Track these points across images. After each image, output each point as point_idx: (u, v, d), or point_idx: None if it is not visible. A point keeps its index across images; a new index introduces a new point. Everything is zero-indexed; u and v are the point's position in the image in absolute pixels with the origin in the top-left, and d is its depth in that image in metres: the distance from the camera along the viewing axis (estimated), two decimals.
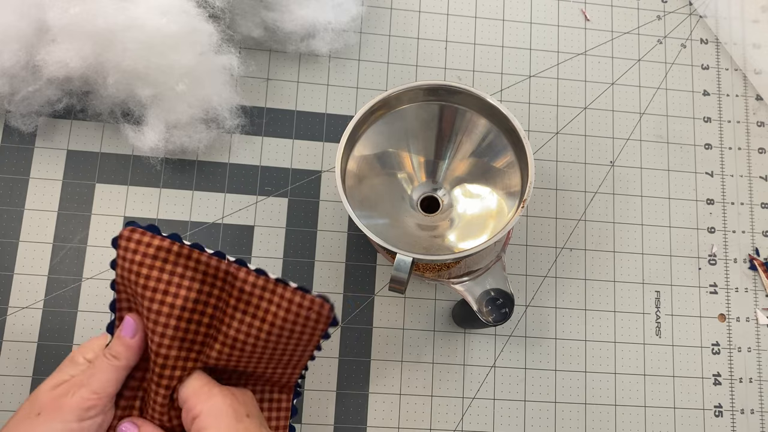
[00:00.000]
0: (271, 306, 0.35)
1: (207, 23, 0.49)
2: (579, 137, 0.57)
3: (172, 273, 0.35)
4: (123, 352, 0.36)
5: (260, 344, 0.36)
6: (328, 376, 0.50)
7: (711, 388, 0.53)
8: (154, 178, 0.52)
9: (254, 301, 0.35)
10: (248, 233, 0.52)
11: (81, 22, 0.45)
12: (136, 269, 0.35)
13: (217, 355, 0.36)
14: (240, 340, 0.35)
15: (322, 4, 0.52)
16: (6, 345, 0.48)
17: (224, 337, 0.36)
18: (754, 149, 0.58)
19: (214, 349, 0.36)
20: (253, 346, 0.36)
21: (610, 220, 0.55)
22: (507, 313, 0.44)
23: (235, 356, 0.36)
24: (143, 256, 0.35)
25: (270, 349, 0.36)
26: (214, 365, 0.36)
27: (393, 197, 0.47)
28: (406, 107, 0.46)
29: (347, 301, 0.52)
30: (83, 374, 0.35)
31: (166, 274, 0.35)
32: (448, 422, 0.50)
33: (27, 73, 0.48)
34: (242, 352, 0.36)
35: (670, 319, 0.54)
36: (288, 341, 0.36)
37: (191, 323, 0.36)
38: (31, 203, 0.51)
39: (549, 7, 0.59)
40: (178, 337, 0.35)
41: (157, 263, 0.35)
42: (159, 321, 0.35)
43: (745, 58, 0.59)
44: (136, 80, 0.47)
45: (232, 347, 0.36)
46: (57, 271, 0.50)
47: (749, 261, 0.56)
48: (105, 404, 0.35)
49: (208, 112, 0.51)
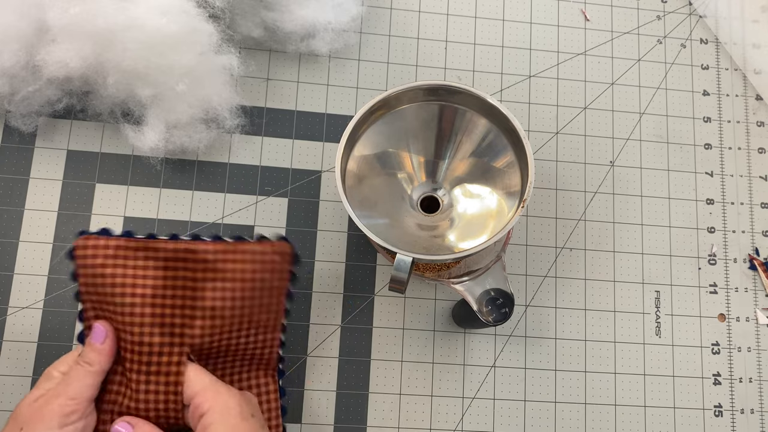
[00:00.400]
0: (236, 264, 0.37)
1: (207, 23, 0.49)
2: (579, 137, 0.57)
3: (135, 266, 0.37)
4: (95, 357, 0.37)
5: (237, 306, 0.38)
6: (328, 376, 0.50)
7: (711, 388, 0.53)
8: (154, 178, 0.52)
9: (220, 266, 0.37)
10: (248, 233, 0.52)
11: (81, 22, 0.45)
12: (99, 272, 0.37)
13: (200, 331, 0.37)
14: (218, 308, 0.37)
15: (322, 4, 0.52)
16: (6, 345, 0.48)
17: (202, 311, 0.37)
18: (754, 149, 0.58)
19: (196, 326, 0.37)
20: (232, 310, 0.37)
21: (610, 220, 0.55)
22: (507, 313, 0.44)
23: (218, 328, 0.37)
24: (104, 258, 0.37)
25: (248, 309, 0.38)
26: (200, 345, 0.37)
27: (393, 197, 0.47)
28: (406, 107, 0.46)
29: (347, 301, 0.52)
30: (60, 384, 0.36)
31: (130, 268, 0.37)
32: (448, 422, 0.51)
33: (27, 73, 0.48)
34: (223, 321, 0.37)
35: (670, 319, 0.54)
36: (261, 294, 0.38)
37: (166, 308, 0.37)
38: (31, 203, 0.51)
39: (549, 7, 0.59)
40: (157, 323, 0.36)
41: (119, 261, 0.37)
42: (135, 312, 0.36)
43: (745, 58, 0.59)
44: (136, 80, 0.47)
45: (212, 318, 0.37)
46: (57, 271, 0.50)
47: (749, 261, 0.56)
48: (84, 409, 0.36)
49: (208, 112, 0.50)
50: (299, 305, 0.51)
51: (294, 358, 0.50)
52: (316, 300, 0.51)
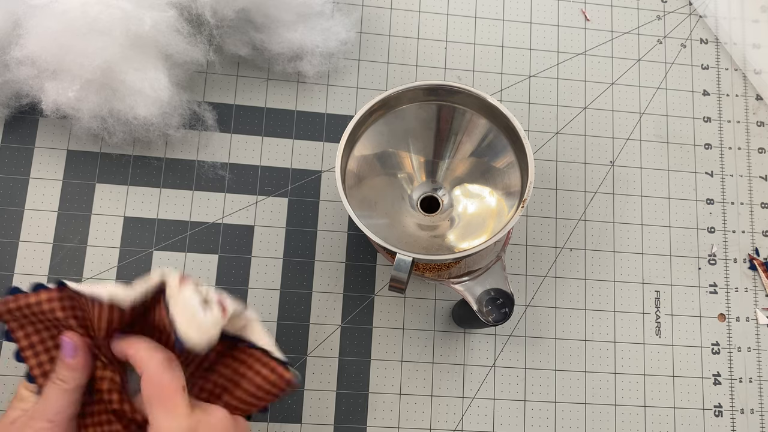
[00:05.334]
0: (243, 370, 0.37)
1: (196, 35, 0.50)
2: (579, 137, 0.57)
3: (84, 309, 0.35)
4: (68, 374, 0.34)
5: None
6: (328, 376, 0.50)
7: (711, 388, 0.53)
8: (154, 178, 0.52)
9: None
10: (248, 233, 0.52)
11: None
12: (50, 317, 0.35)
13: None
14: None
15: (310, 27, 0.53)
16: (6, 345, 0.48)
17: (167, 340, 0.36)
18: (754, 149, 0.58)
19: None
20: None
21: (610, 220, 0.55)
22: (507, 313, 0.44)
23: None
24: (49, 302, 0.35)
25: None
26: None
27: (393, 197, 0.47)
28: (406, 107, 0.46)
29: (347, 301, 0.52)
30: (37, 405, 0.34)
31: (78, 310, 0.35)
32: (448, 422, 0.51)
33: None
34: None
35: (670, 319, 0.54)
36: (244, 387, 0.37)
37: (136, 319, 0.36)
38: (31, 203, 0.51)
39: (549, 7, 0.59)
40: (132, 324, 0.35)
41: (65, 303, 0.35)
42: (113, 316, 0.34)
43: (745, 58, 0.59)
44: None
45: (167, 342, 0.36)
46: (57, 271, 0.50)
47: (749, 261, 0.56)
48: (66, 428, 0.34)
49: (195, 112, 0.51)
50: (299, 305, 0.51)
51: (294, 358, 0.50)
52: (316, 300, 0.51)
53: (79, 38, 0.45)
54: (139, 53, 0.47)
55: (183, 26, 0.49)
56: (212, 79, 0.54)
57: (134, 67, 0.47)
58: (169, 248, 0.51)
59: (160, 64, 0.48)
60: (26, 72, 0.47)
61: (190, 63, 0.51)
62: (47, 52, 0.45)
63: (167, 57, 0.49)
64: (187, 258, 0.51)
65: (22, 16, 0.46)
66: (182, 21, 0.49)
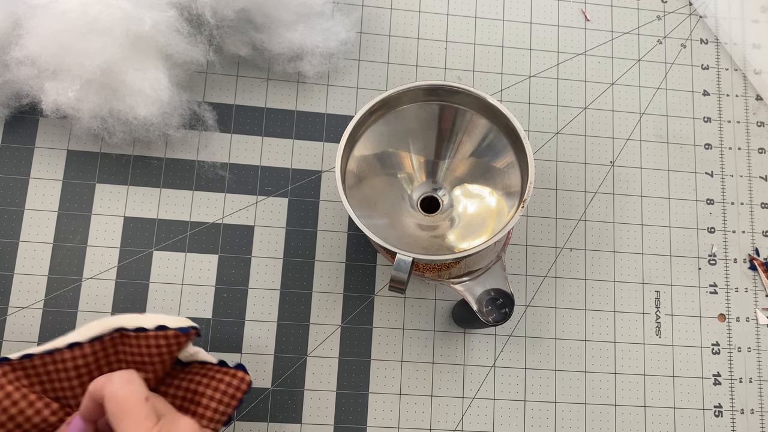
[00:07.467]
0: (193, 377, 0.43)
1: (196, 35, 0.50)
2: (579, 137, 0.57)
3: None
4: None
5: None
6: (328, 376, 0.50)
7: (711, 388, 0.53)
8: (154, 178, 0.52)
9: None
10: (248, 233, 0.52)
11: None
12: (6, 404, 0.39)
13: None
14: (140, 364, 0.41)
15: (310, 28, 0.53)
16: (6, 345, 0.48)
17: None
18: (754, 149, 0.58)
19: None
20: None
21: (610, 220, 0.55)
22: (507, 313, 0.44)
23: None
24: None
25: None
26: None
27: (393, 197, 0.47)
28: (406, 107, 0.46)
29: (347, 301, 0.52)
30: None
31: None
32: (448, 422, 0.51)
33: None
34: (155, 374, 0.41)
35: (670, 319, 0.54)
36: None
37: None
38: (31, 203, 0.51)
39: (549, 7, 0.59)
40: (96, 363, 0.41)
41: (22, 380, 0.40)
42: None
43: (745, 58, 0.59)
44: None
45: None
46: (57, 271, 0.50)
47: (749, 261, 0.56)
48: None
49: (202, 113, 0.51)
50: (299, 305, 0.51)
51: (294, 358, 0.50)
52: (316, 300, 0.51)
53: (79, 38, 0.45)
54: (139, 53, 0.47)
55: (183, 26, 0.49)
56: (212, 79, 0.54)
57: (134, 67, 0.47)
58: (169, 248, 0.51)
59: (160, 64, 0.48)
60: (26, 72, 0.47)
61: (190, 63, 0.51)
62: (47, 52, 0.45)
63: (167, 57, 0.49)
64: (187, 258, 0.51)
65: (22, 16, 0.46)
66: (182, 21, 0.49)
